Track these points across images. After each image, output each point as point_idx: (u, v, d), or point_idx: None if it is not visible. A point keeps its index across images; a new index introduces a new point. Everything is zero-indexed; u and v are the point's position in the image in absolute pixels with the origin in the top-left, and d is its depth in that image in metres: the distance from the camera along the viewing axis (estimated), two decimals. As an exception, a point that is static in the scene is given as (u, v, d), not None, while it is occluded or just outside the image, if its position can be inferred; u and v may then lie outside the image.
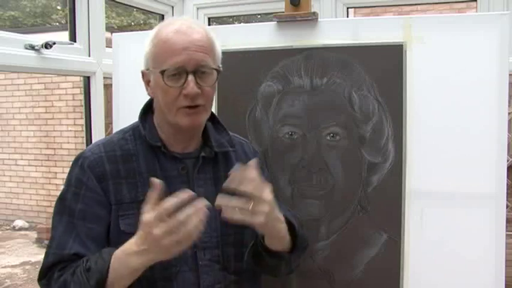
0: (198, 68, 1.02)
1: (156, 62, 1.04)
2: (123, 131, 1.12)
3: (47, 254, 1.03)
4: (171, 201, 0.89)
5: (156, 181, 0.92)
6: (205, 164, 1.11)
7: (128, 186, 1.04)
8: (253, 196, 0.95)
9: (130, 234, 0.99)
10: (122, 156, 1.06)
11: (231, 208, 0.94)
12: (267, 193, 0.98)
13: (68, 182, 1.06)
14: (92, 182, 1.03)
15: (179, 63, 1.00)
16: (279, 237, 1.04)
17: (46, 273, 1.02)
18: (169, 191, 1.02)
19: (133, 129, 1.11)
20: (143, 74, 1.10)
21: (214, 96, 1.38)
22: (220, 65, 1.10)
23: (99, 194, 1.03)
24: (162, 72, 1.01)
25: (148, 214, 0.90)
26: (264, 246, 1.05)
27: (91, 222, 1.02)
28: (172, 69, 1.01)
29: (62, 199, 1.05)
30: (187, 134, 1.09)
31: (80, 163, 1.05)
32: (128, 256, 0.94)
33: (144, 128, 1.09)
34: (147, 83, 1.09)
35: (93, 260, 0.97)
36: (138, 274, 0.95)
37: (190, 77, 1.01)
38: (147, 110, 1.13)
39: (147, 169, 1.06)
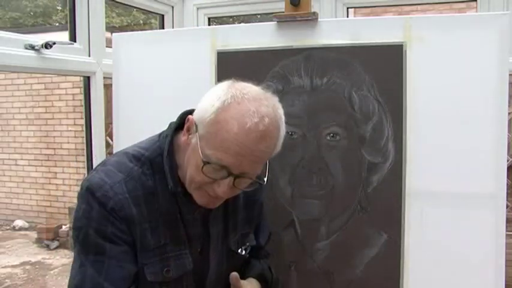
0: (242, 175, 0.92)
1: (207, 140, 0.91)
2: (141, 162, 1.00)
3: None
4: None
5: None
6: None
7: (151, 231, 0.97)
8: None
9: (152, 283, 0.97)
10: (143, 196, 0.97)
11: None
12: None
13: (87, 214, 0.93)
14: (120, 224, 0.93)
15: (226, 164, 0.89)
16: None
17: None
18: (185, 232, 1.02)
19: (151, 161, 1.00)
20: (189, 120, 0.96)
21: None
22: (265, 181, 0.99)
23: (128, 234, 0.94)
24: (205, 163, 0.90)
25: None
26: None
27: (124, 262, 0.93)
28: (216, 165, 0.90)
29: (85, 234, 0.93)
30: None
31: (98, 199, 0.93)
32: None
33: (166, 162, 0.99)
34: (187, 130, 0.97)
35: None
36: None
37: (229, 180, 0.91)
38: (178, 127, 1.02)
39: (167, 210, 0.99)
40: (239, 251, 1.12)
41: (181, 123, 1.01)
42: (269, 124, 0.90)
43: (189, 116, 0.96)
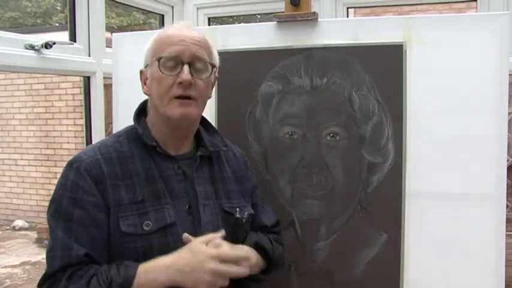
0: (193, 60, 1.05)
1: (154, 53, 1.07)
2: (117, 135, 1.12)
3: (51, 258, 0.98)
4: (234, 253, 1.00)
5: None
6: (202, 164, 1.13)
7: (125, 188, 1.03)
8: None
9: (131, 235, 1.00)
10: (118, 158, 1.06)
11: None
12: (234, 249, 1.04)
13: (63, 186, 1.02)
14: (89, 185, 1.01)
15: (175, 53, 1.04)
16: (251, 265, 1.09)
17: (48, 279, 0.97)
18: (167, 189, 1.05)
19: (126, 133, 1.12)
20: (141, 72, 1.13)
21: (214, 96, 1.39)
22: (217, 66, 1.12)
23: (97, 196, 1.00)
24: (159, 60, 1.05)
25: (204, 245, 0.97)
26: None
27: (90, 226, 0.99)
28: (169, 57, 1.05)
29: (58, 204, 1.02)
30: (181, 131, 1.10)
31: (75, 167, 1.03)
32: (160, 270, 0.95)
33: (138, 123, 1.11)
34: (144, 81, 1.12)
35: (114, 271, 0.95)
36: None
37: (185, 66, 1.04)
38: (141, 112, 1.14)
39: (144, 169, 1.06)
40: (234, 213, 1.13)
41: (143, 107, 1.15)
42: (192, 24, 1.13)
43: (140, 70, 1.13)
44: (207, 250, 0.97)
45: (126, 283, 0.94)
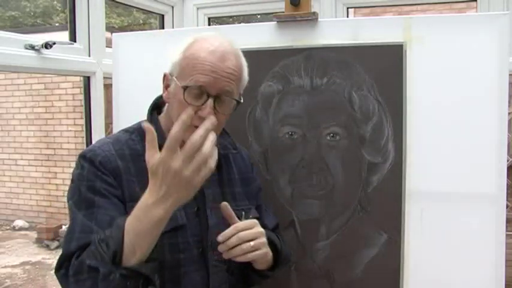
0: (220, 94, 1.01)
1: (182, 75, 1.03)
2: (129, 132, 1.11)
3: (69, 240, 0.96)
4: (175, 129, 0.84)
5: (148, 125, 0.88)
6: None
7: (139, 185, 1.01)
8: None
9: None
10: (131, 156, 1.05)
11: (234, 250, 1.00)
12: (258, 225, 1.05)
13: (79, 177, 1.01)
14: (107, 177, 1.00)
15: (203, 83, 0.99)
16: (265, 260, 1.09)
17: (65, 260, 0.94)
18: None
19: (138, 130, 1.10)
20: (165, 76, 1.08)
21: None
22: (242, 92, 1.09)
23: (115, 187, 1.00)
24: (185, 88, 1.00)
25: (155, 156, 0.86)
26: (250, 266, 1.09)
27: (112, 210, 0.98)
28: (195, 88, 1.00)
29: (74, 194, 1.01)
30: None
31: (89, 158, 1.02)
32: (147, 210, 0.87)
33: (152, 120, 1.09)
34: (166, 87, 1.08)
35: (108, 230, 0.92)
36: (161, 226, 0.89)
37: (210, 101, 1.00)
38: (154, 109, 1.12)
39: None
40: (240, 216, 1.11)
41: (156, 103, 1.13)
42: (228, 46, 1.05)
43: (164, 73, 1.08)
44: (162, 157, 0.85)
45: (118, 235, 0.89)
